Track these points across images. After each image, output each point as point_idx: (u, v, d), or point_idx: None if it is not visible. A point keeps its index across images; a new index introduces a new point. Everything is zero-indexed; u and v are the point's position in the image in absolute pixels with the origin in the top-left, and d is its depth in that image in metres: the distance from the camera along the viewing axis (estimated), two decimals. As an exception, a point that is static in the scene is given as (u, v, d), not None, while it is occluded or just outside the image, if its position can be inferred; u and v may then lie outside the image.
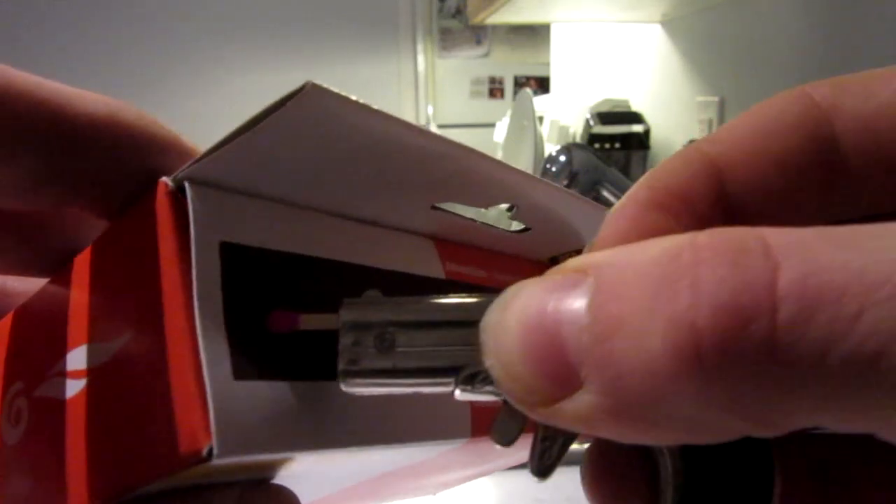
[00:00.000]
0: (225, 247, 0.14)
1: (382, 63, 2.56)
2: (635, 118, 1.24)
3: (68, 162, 0.15)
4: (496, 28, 2.97)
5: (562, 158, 1.06)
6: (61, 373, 0.15)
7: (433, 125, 2.58)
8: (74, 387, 0.15)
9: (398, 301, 0.13)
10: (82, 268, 0.16)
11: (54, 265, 0.17)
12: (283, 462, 0.14)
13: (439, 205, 0.18)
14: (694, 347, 0.08)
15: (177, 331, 0.13)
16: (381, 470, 0.18)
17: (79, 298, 0.16)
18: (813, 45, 0.84)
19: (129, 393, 0.13)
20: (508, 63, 3.15)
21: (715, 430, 0.09)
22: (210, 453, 0.12)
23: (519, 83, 3.11)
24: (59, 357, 0.15)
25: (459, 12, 2.94)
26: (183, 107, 2.23)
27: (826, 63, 0.81)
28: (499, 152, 1.45)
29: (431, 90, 2.77)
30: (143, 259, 0.14)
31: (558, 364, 0.10)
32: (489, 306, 0.11)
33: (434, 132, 0.15)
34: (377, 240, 0.18)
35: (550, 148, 1.17)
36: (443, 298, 0.13)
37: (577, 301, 0.10)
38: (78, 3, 2.15)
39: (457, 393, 0.12)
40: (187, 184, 0.14)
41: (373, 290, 0.17)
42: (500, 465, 0.25)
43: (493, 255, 0.22)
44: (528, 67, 3.09)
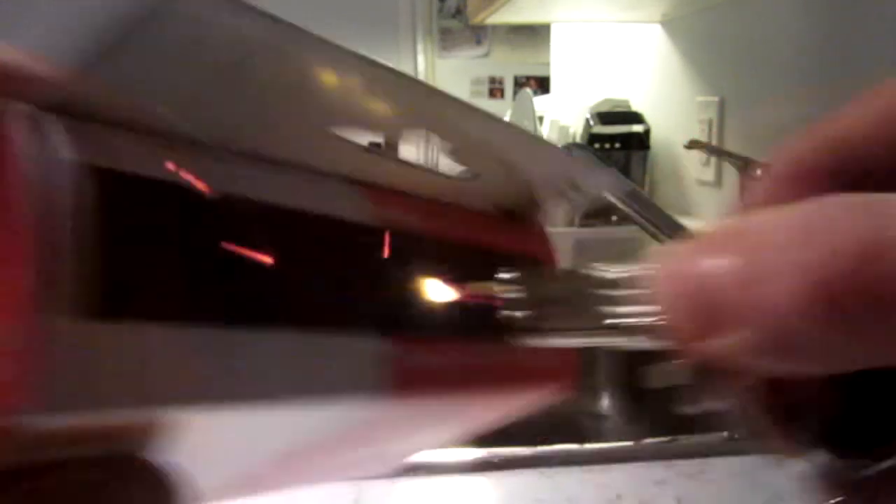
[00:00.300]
0: (87, 171, 0.12)
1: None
2: (635, 118, 1.24)
3: None
4: (496, 28, 2.98)
5: (562, 158, 1.05)
6: None
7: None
8: None
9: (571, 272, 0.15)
10: None
11: None
12: (145, 429, 0.12)
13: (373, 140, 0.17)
14: (828, 286, 0.10)
15: (11, 257, 0.11)
16: (293, 444, 0.17)
17: None
18: (813, 45, 0.84)
19: None
20: (508, 63, 3.15)
21: (851, 360, 0.11)
22: (23, 413, 0.10)
23: (519, 83, 3.11)
24: None
25: (459, 12, 2.94)
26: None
27: (826, 63, 0.81)
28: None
29: (431, 90, 2.77)
30: None
31: (716, 307, 0.11)
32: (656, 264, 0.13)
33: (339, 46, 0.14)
34: (288, 180, 0.16)
35: (550, 148, 1.17)
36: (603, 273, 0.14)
37: (731, 255, 0.11)
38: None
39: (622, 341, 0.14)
40: (40, 110, 0.12)
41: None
42: (471, 425, 0.23)
43: (431, 203, 0.21)
44: (528, 67, 3.09)
